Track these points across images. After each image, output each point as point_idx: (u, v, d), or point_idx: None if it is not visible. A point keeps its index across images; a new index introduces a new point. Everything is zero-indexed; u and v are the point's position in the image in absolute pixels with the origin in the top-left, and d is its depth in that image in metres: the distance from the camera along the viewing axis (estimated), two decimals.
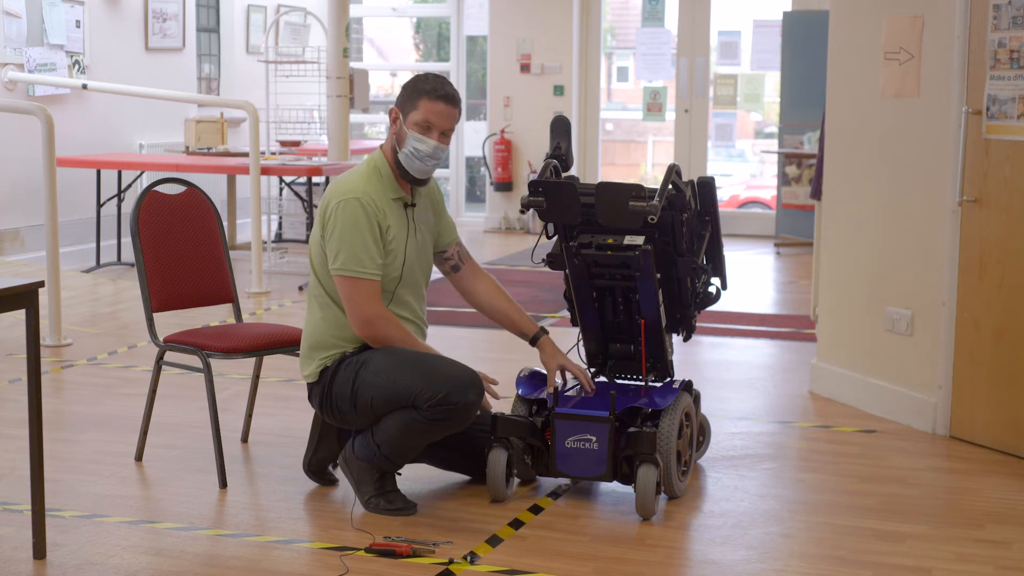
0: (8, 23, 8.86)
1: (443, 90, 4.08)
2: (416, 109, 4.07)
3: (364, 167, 4.13)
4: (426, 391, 3.88)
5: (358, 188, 4.02)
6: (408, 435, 3.96)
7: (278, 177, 10.10)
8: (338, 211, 4.00)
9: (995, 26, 4.71)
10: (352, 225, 3.97)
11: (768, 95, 12.46)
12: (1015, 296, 4.73)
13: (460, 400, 3.90)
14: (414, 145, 4.06)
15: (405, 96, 4.11)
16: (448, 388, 3.88)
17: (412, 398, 3.89)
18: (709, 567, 3.70)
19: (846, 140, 5.54)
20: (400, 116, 4.10)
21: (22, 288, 3.57)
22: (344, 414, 4.07)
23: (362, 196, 4.00)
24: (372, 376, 3.97)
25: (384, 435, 3.99)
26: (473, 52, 13.12)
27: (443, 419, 3.91)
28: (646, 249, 4.15)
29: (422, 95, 4.07)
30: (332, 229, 4.01)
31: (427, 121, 4.06)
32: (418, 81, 4.11)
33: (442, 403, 3.88)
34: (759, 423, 5.28)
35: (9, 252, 8.87)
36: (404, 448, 4.03)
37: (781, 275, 9.71)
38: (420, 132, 4.06)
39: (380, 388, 3.95)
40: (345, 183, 4.07)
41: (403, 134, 4.08)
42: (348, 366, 4.03)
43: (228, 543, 3.84)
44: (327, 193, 4.10)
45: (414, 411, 3.91)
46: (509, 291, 4.44)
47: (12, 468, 4.50)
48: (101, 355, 6.38)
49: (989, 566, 3.70)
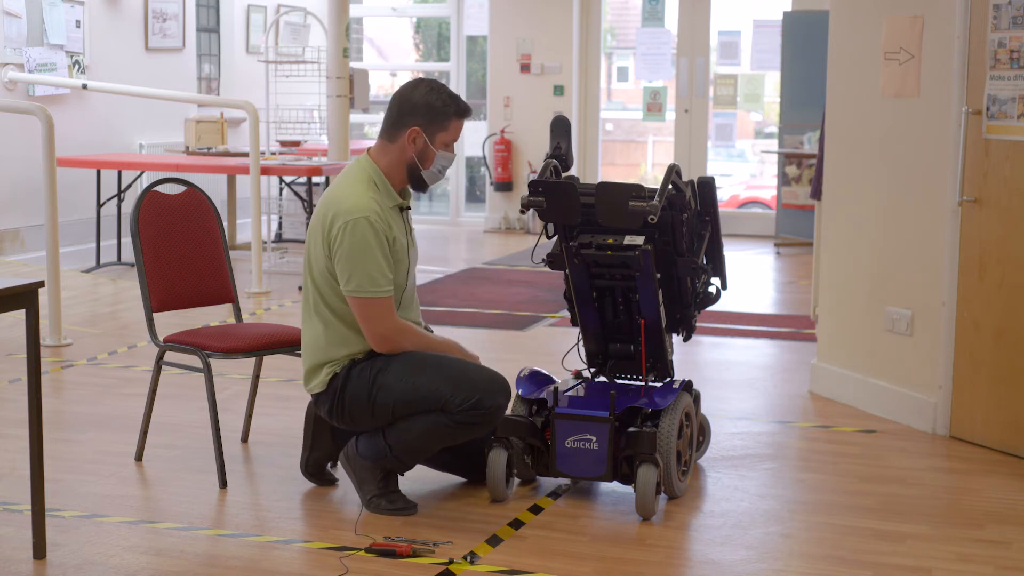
0: (8, 23, 8.86)
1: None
2: (446, 130, 4.06)
3: (358, 178, 4.02)
4: (457, 396, 3.89)
5: (363, 205, 3.93)
6: (432, 438, 3.97)
7: (278, 177, 10.11)
8: (346, 232, 3.91)
9: (995, 26, 4.71)
10: (362, 247, 3.91)
11: (768, 95, 12.46)
12: (1015, 296, 4.73)
13: (492, 404, 3.93)
14: (442, 163, 4.09)
15: (429, 116, 4.02)
16: (480, 393, 3.90)
17: (442, 403, 3.89)
18: (709, 567, 3.70)
19: (846, 140, 5.55)
20: (424, 135, 4.04)
21: (22, 288, 3.57)
22: (357, 419, 4.05)
23: (370, 214, 3.92)
24: (394, 381, 3.95)
25: (401, 437, 3.98)
26: (473, 52, 13.12)
27: (473, 423, 3.93)
28: (646, 249, 4.15)
29: (451, 116, 4.05)
30: (341, 251, 3.93)
31: (453, 140, 4.10)
32: (442, 99, 4.03)
33: (475, 407, 3.89)
34: (759, 423, 5.28)
35: (9, 252, 8.87)
36: (420, 450, 4.05)
37: (781, 275, 9.71)
38: (446, 149, 4.08)
39: (403, 393, 3.93)
40: (347, 199, 3.95)
41: (429, 153, 4.05)
42: (362, 371, 4.01)
43: (228, 543, 3.84)
44: (326, 208, 3.99)
45: (443, 415, 3.91)
46: (509, 291, 4.45)
47: (12, 468, 4.50)
48: (101, 355, 6.38)
49: (989, 566, 3.70)
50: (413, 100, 4.04)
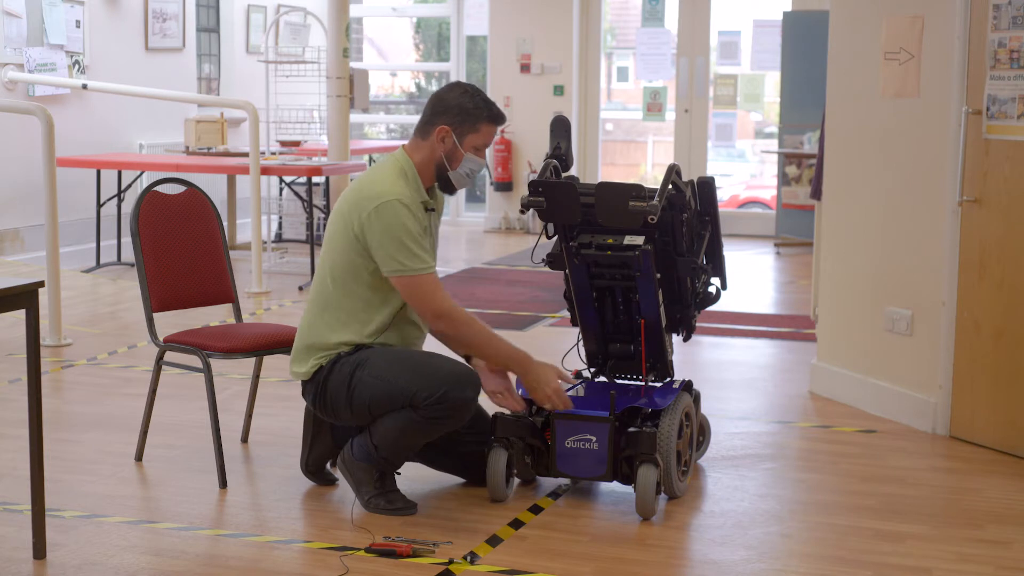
0: (8, 23, 8.86)
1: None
2: (477, 132, 4.08)
3: (389, 169, 4.05)
4: (423, 390, 3.88)
5: (396, 190, 3.96)
6: (407, 435, 3.97)
7: (278, 177, 10.10)
8: (377, 215, 3.93)
9: (995, 26, 4.71)
10: (399, 225, 3.92)
11: (768, 95, 12.46)
12: (1015, 296, 4.73)
13: (458, 397, 3.91)
14: (470, 167, 4.10)
15: (460, 117, 4.06)
16: (446, 386, 3.89)
17: (410, 398, 3.90)
18: (709, 567, 3.70)
19: (846, 140, 5.54)
20: (453, 136, 4.06)
21: (22, 288, 3.57)
22: (338, 412, 4.08)
23: (402, 197, 3.95)
24: (369, 377, 3.97)
25: (382, 436, 4.00)
26: (473, 52, 13.12)
27: (441, 417, 3.92)
28: (646, 249, 4.15)
29: (484, 120, 4.07)
30: (375, 233, 3.93)
31: (485, 144, 4.11)
32: (475, 102, 4.07)
33: (441, 401, 3.88)
34: (759, 423, 5.28)
35: (9, 252, 8.87)
36: (402, 448, 4.04)
37: (781, 275, 9.71)
38: (476, 153, 4.10)
39: (377, 388, 3.95)
40: (376, 186, 3.98)
41: (458, 154, 4.07)
42: (343, 366, 4.03)
43: (228, 543, 3.84)
44: (356, 194, 4.01)
45: (412, 411, 3.92)
46: (509, 291, 4.45)
47: (12, 468, 4.50)
48: (101, 355, 6.38)
49: (989, 566, 3.70)
50: (446, 100, 4.09)
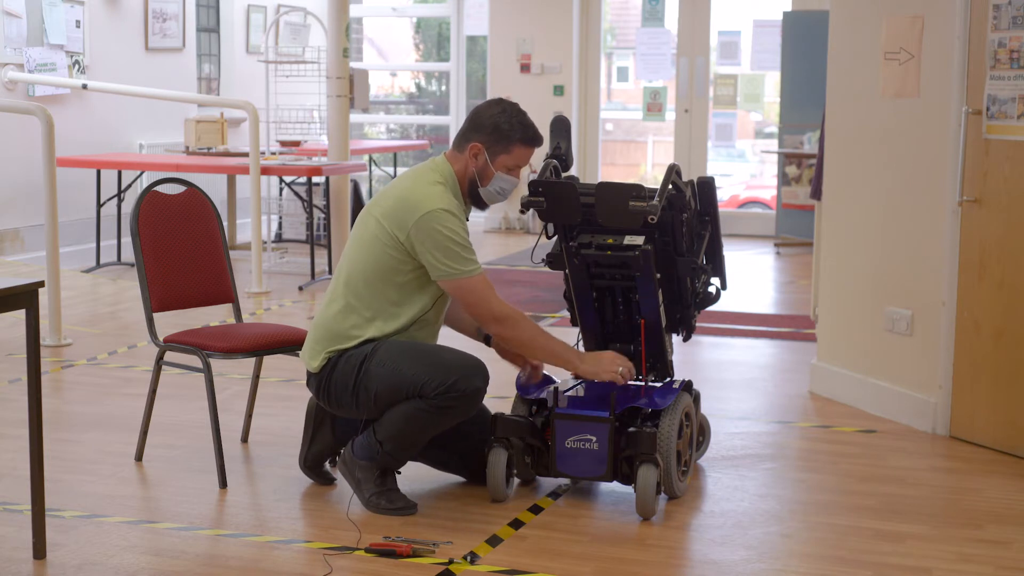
0: (8, 23, 8.86)
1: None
2: (509, 153, 4.11)
3: (432, 179, 4.08)
4: (433, 380, 3.90)
5: (444, 200, 4.01)
6: (414, 426, 3.97)
7: (278, 177, 10.10)
8: (426, 223, 3.96)
9: (995, 26, 4.71)
10: (450, 232, 3.97)
11: (768, 95, 12.46)
12: (1015, 296, 4.73)
13: (468, 386, 3.93)
14: (501, 185, 4.14)
15: (494, 136, 4.09)
16: (455, 376, 3.91)
17: (419, 388, 3.91)
18: (709, 567, 3.70)
19: (846, 140, 5.54)
20: (485, 154, 4.10)
21: (22, 288, 3.58)
22: (342, 404, 4.08)
23: (448, 206, 4.00)
24: (377, 367, 3.98)
25: (388, 430, 4.00)
26: (473, 52, 13.12)
27: (450, 407, 3.93)
28: (646, 249, 4.15)
29: (517, 142, 4.11)
30: (424, 241, 3.96)
31: (518, 165, 4.14)
32: (510, 123, 4.10)
33: (451, 390, 3.90)
34: (759, 423, 5.28)
35: (9, 252, 8.87)
36: (409, 441, 4.04)
37: (781, 275, 9.71)
38: (507, 172, 4.13)
39: (385, 379, 3.96)
40: (419, 192, 4.02)
41: (489, 172, 4.11)
42: (350, 359, 4.04)
43: (228, 543, 3.84)
44: (393, 204, 4.03)
45: (420, 400, 3.92)
46: (509, 291, 4.46)
47: (12, 468, 4.50)
48: (101, 355, 6.38)
49: (989, 566, 3.70)
50: (482, 117, 4.13)
